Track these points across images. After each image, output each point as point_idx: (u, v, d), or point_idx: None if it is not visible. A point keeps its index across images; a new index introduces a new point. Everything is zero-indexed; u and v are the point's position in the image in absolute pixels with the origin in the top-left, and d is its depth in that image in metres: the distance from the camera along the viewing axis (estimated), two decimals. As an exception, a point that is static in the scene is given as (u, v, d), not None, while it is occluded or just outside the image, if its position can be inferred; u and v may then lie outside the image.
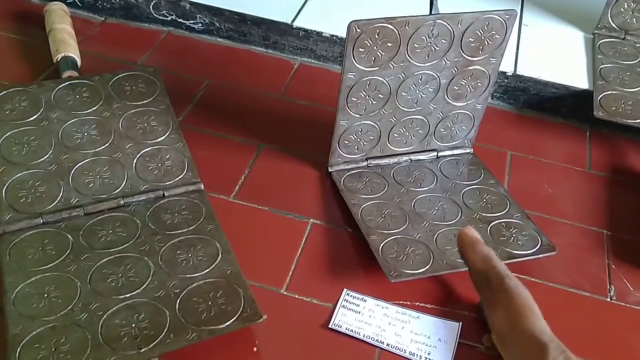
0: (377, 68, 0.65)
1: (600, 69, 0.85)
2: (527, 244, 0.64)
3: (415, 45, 0.64)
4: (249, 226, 0.67)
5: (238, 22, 0.91)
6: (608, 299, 0.63)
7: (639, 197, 0.75)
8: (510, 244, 0.64)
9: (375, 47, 0.63)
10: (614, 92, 0.81)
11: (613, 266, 0.66)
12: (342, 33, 0.86)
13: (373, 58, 0.64)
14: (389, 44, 0.63)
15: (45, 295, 0.56)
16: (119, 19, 0.94)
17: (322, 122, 0.79)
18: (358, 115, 0.69)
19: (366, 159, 0.73)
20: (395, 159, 0.74)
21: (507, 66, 0.85)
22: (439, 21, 0.63)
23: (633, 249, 0.68)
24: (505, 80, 0.85)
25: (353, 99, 0.67)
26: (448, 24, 0.64)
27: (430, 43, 0.65)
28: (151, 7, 0.92)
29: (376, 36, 0.62)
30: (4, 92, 0.74)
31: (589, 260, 0.66)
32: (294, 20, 0.90)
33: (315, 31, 0.88)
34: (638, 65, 0.86)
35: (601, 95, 0.80)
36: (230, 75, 0.86)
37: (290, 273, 0.62)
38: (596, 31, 0.91)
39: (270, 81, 0.86)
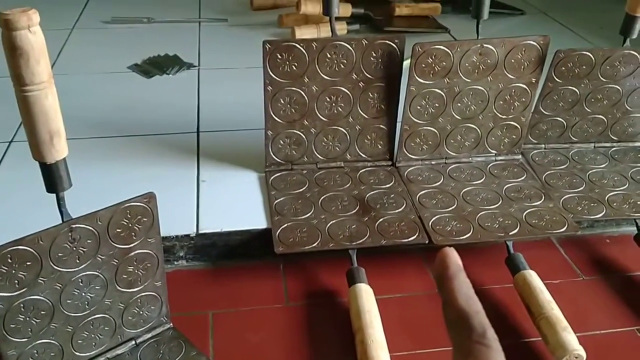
0: (24, 289, 0.62)
1: (275, 204, 0.91)
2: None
3: (59, 254, 0.63)
4: None
5: None
6: None
7: (335, 314, 0.80)
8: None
9: (13, 271, 0.60)
10: (289, 223, 0.87)
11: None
12: None
13: (15, 281, 0.61)
14: (28, 263, 0.61)
15: None
16: None
17: None
18: (25, 340, 0.64)
19: (56, 376, 0.68)
20: (91, 366, 0.70)
21: (190, 228, 0.87)
22: (75, 225, 0.63)
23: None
24: (192, 242, 0.87)
25: (12, 326, 0.63)
26: (85, 225, 0.64)
27: (76, 247, 0.64)
28: None
29: (9, 260, 0.60)
30: None
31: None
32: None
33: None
34: (307, 191, 0.94)
35: (279, 230, 0.86)
36: None
37: None
38: (266, 169, 0.99)
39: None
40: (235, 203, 0.94)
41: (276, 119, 0.96)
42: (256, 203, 0.93)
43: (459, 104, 0.96)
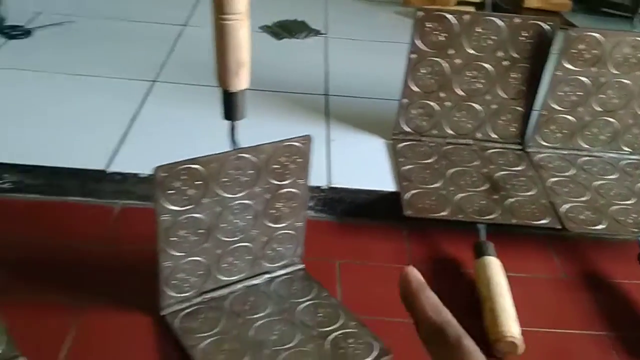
0: (191, 206, 0.66)
1: (403, 170, 0.93)
2: (365, 353, 0.66)
3: (224, 179, 0.67)
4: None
5: (51, 176, 0.88)
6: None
7: (458, 282, 0.81)
8: (350, 357, 0.66)
9: (184, 187, 0.65)
10: (418, 190, 0.89)
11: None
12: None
13: (185, 198, 0.65)
14: (198, 182, 0.65)
15: None
16: None
17: (151, 265, 0.77)
18: (182, 254, 0.69)
19: (200, 295, 0.72)
20: (229, 289, 0.74)
21: (321, 180, 0.90)
22: (241, 155, 0.67)
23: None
24: (322, 194, 0.90)
25: (173, 239, 0.67)
26: (251, 156, 0.67)
27: (238, 175, 0.68)
28: (-49, 173, 0.87)
29: (183, 177, 0.64)
30: None
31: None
32: (108, 165, 0.89)
33: (131, 173, 0.88)
34: (435, 163, 0.95)
35: (408, 195, 0.88)
36: (46, 231, 0.83)
37: None
38: (394, 137, 1.01)
39: (91, 230, 0.84)
40: (363, 164, 0.96)
41: (413, 88, 0.97)
42: (383, 167, 0.96)
43: (602, 96, 0.94)
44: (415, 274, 0.43)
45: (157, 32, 1.35)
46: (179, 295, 0.71)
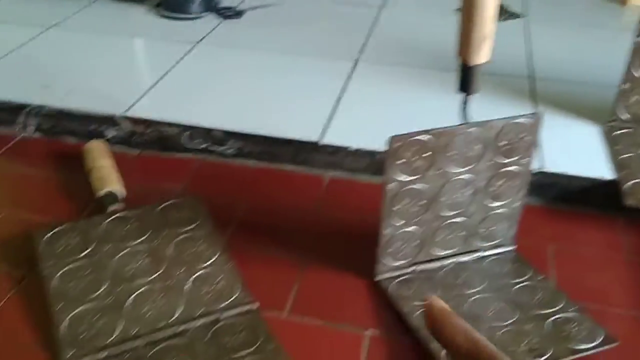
0: (417, 177, 0.68)
1: (621, 159, 0.88)
2: (588, 338, 0.64)
3: (451, 153, 0.68)
4: (306, 342, 0.67)
5: (268, 144, 0.95)
6: (678, 387, 0.62)
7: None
8: (572, 340, 0.64)
9: (414, 158, 0.66)
10: (638, 180, 0.84)
11: (675, 352, 0.66)
12: (368, 146, 0.92)
13: (412, 168, 0.67)
14: (427, 154, 0.67)
15: None
16: (154, 151, 0.98)
17: (361, 233, 0.81)
18: (402, 223, 0.71)
19: (411, 265, 0.74)
20: (440, 263, 0.75)
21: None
22: (471, 129, 0.67)
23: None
24: (533, 177, 0.87)
25: (396, 207, 0.69)
26: (480, 130, 0.68)
27: (465, 150, 0.68)
28: (184, 138, 0.97)
29: (414, 147, 0.66)
30: (56, 229, 0.76)
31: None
32: (322, 137, 0.94)
33: (342, 146, 0.92)
34: (657, 153, 0.89)
35: (628, 184, 0.83)
36: (265, 195, 0.89)
37: (356, 388, 0.62)
38: (609, 123, 0.96)
39: (303, 197, 0.89)
40: (574, 149, 0.92)
41: (637, 73, 0.91)
42: (596, 153, 0.91)
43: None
44: (438, 302, 0.45)
45: (357, 13, 1.39)
46: (393, 263, 0.73)
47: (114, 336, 0.65)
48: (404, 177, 0.67)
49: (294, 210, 0.86)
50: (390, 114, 1.01)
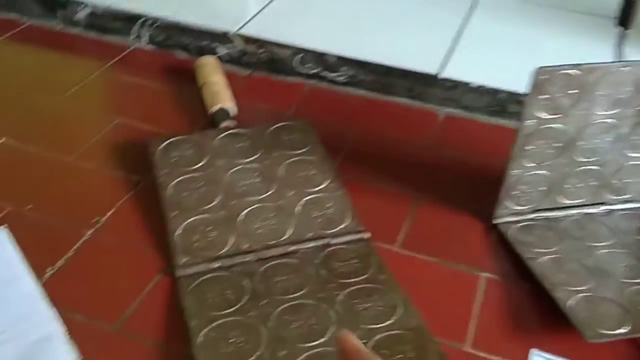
0: (558, 116, 0.63)
1: None
2: None
3: (600, 92, 0.62)
4: (418, 277, 0.64)
5: (382, 74, 0.91)
6: None
7: None
8: None
9: (558, 94, 0.61)
10: None
11: None
12: (492, 83, 0.86)
13: (555, 105, 0.62)
14: (573, 91, 0.61)
15: (231, 340, 0.55)
16: (264, 72, 0.96)
17: (477, 173, 0.77)
18: (532, 165, 0.66)
19: (534, 211, 0.70)
20: (564, 212, 0.70)
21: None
22: (625, 68, 0.61)
23: None
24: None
25: (529, 147, 0.65)
26: (634, 71, 0.61)
27: (615, 91, 0.62)
28: (296, 61, 0.94)
29: (561, 83, 0.60)
30: (171, 140, 0.76)
31: None
32: (440, 71, 0.89)
33: (462, 82, 0.87)
34: None
35: None
36: (377, 126, 0.86)
37: (471, 328, 0.59)
38: None
39: (417, 132, 0.85)
40: None
41: None
42: None
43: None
44: (351, 340, 0.41)
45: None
46: (515, 207, 0.69)
47: (225, 249, 0.64)
48: (545, 115, 0.62)
49: (406, 145, 0.83)
50: (516, 53, 0.95)
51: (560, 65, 0.60)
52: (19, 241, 0.65)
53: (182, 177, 0.72)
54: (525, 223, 0.69)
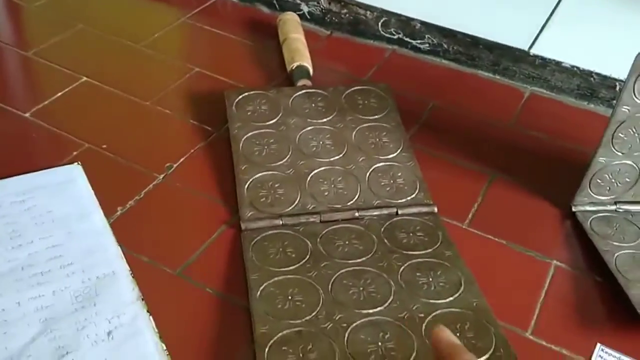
0: None
1: None
2: None
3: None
4: (485, 257, 0.62)
5: (468, 45, 0.88)
6: None
7: None
8: None
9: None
10: None
11: None
12: (586, 64, 0.81)
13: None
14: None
15: (289, 297, 0.55)
16: (345, 33, 0.94)
17: (558, 157, 0.74)
18: (620, 154, 0.63)
19: (615, 203, 0.66)
20: (645, 207, 0.66)
21: None
22: None
23: None
24: None
25: (620, 135, 0.61)
26: None
27: None
28: (380, 24, 0.92)
29: (667, 68, 0.56)
30: (247, 93, 0.76)
31: None
32: (531, 47, 0.85)
33: (554, 60, 0.83)
34: None
35: None
36: (456, 99, 0.83)
37: (535, 316, 0.57)
38: None
39: (499, 109, 0.82)
40: None
41: None
42: None
43: None
44: (447, 335, 0.40)
45: None
46: (596, 196, 0.66)
47: (291, 207, 0.64)
48: (642, 101, 0.58)
49: (486, 120, 0.80)
50: (612, 36, 0.89)
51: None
52: (92, 179, 0.66)
53: (255, 132, 0.71)
54: (605, 214, 0.66)
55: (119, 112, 0.77)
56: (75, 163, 0.68)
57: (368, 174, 0.68)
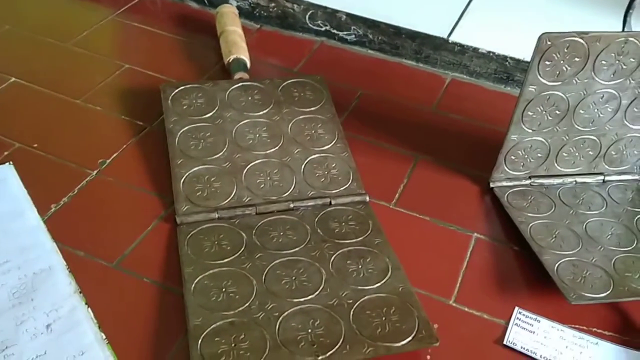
0: (559, 83, 0.63)
1: None
2: None
3: (603, 62, 0.62)
4: (411, 234, 0.66)
5: (392, 35, 0.91)
6: None
7: None
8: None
9: (562, 61, 0.62)
10: None
11: None
12: (500, 49, 0.86)
13: (557, 72, 0.63)
14: (577, 59, 0.62)
15: (223, 289, 0.57)
16: (275, 27, 0.97)
17: (477, 138, 0.78)
18: (530, 131, 0.67)
19: (530, 177, 0.71)
20: (560, 180, 0.71)
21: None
22: (631, 39, 0.61)
23: None
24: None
25: (529, 113, 0.65)
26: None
27: (619, 61, 0.63)
28: (307, 17, 0.95)
29: (565, 50, 0.61)
30: (183, 87, 0.77)
31: None
32: (450, 34, 0.89)
33: (472, 47, 0.88)
34: None
35: None
36: (382, 87, 0.87)
37: (458, 285, 0.61)
38: None
39: (422, 95, 0.86)
40: None
41: None
42: None
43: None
44: None
45: None
46: (511, 172, 0.70)
47: (227, 200, 0.66)
48: (547, 81, 0.63)
49: (411, 106, 0.84)
50: (526, 21, 0.94)
51: (566, 33, 0.60)
52: (24, 178, 0.67)
53: (191, 126, 0.72)
54: (520, 188, 0.70)
55: (49, 111, 0.77)
56: (7, 163, 0.68)
57: (303, 165, 0.70)
